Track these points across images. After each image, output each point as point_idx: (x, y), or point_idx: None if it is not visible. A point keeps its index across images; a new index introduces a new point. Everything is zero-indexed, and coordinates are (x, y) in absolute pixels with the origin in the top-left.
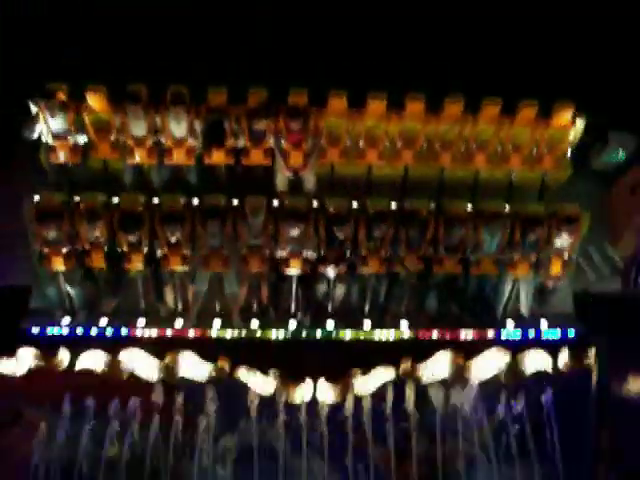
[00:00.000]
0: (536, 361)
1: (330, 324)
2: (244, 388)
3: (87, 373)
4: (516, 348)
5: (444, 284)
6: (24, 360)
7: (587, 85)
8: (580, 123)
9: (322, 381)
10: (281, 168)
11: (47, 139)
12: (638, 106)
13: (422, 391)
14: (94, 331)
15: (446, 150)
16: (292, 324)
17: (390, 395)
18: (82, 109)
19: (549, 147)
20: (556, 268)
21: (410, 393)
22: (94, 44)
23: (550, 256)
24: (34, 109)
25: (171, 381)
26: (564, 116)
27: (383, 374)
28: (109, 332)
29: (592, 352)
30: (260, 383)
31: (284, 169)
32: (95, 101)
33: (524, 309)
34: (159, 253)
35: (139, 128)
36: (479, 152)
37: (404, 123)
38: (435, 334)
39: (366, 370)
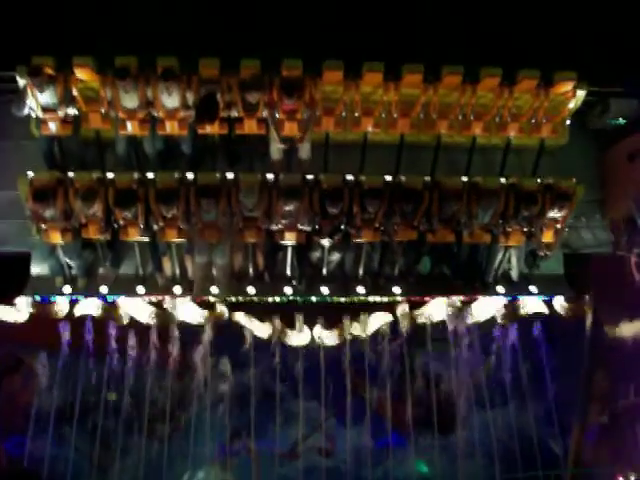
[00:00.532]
0: (532, 305)
1: (325, 290)
2: (241, 332)
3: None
4: None
5: (436, 251)
6: (23, 308)
7: (588, 53)
8: (581, 93)
9: (318, 327)
10: (275, 138)
11: (37, 112)
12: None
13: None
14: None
15: (443, 118)
16: (288, 290)
17: (386, 335)
18: (70, 82)
19: (548, 115)
20: (548, 237)
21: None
22: (80, 15)
23: (542, 226)
24: (22, 83)
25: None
26: (565, 86)
27: (380, 317)
28: (110, 299)
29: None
30: (257, 327)
31: (278, 140)
32: (83, 74)
33: (514, 274)
34: (155, 227)
35: (130, 101)
36: (477, 120)
37: (401, 91)
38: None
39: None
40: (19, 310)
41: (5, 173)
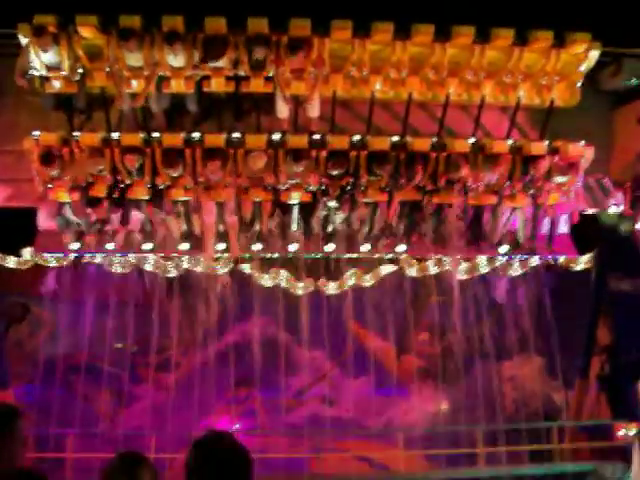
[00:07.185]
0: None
1: (330, 247)
2: (247, 282)
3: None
4: None
5: (441, 210)
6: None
7: (602, 11)
8: (594, 55)
9: (323, 279)
10: (282, 97)
11: (41, 71)
12: None
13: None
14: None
15: (453, 77)
16: (292, 247)
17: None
18: (74, 41)
19: (559, 76)
20: (554, 199)
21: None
22: None
23: (549, 189)
24: (24, 41)
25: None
26: (578, 48)
27: (384, 268)
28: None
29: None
30: (262, 276)
31: (285, 99)
32: (87, 33)
33: (520, 235)
34: (161, 185)
35: (135, 60)
36: (487, 80)
37: (410, 51)
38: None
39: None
40: (25, 260)
41: (12, 130)
